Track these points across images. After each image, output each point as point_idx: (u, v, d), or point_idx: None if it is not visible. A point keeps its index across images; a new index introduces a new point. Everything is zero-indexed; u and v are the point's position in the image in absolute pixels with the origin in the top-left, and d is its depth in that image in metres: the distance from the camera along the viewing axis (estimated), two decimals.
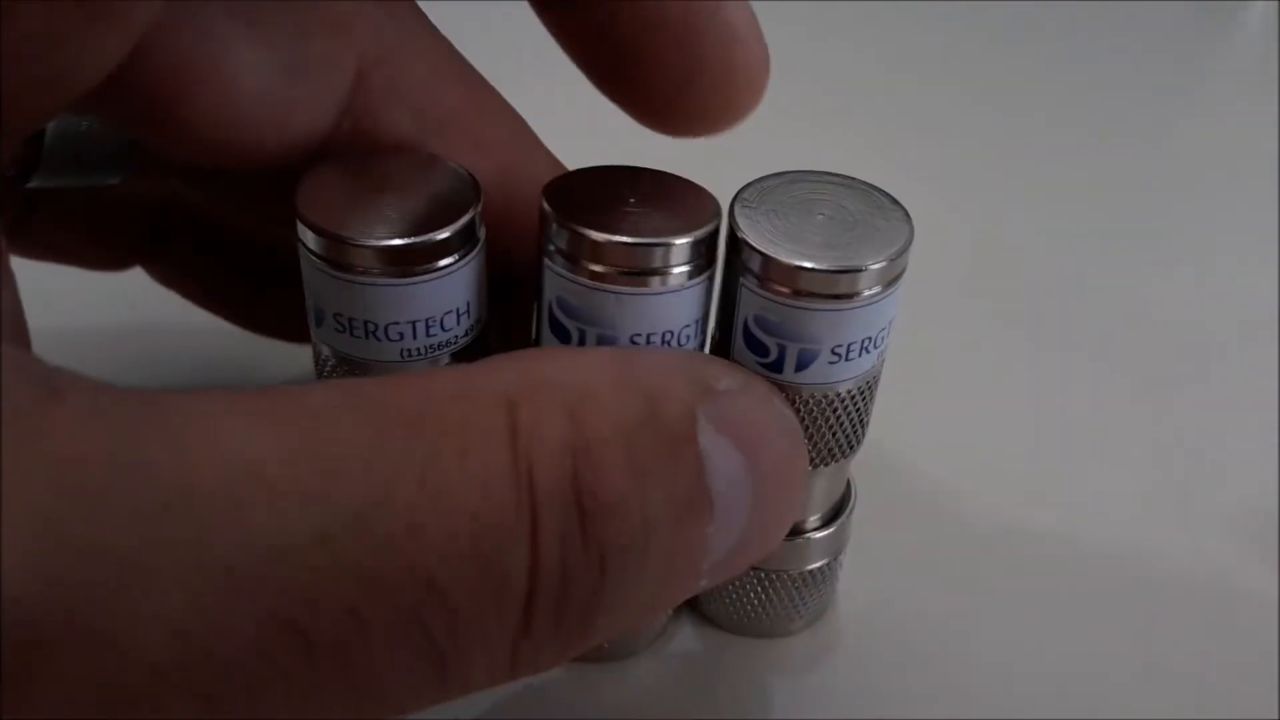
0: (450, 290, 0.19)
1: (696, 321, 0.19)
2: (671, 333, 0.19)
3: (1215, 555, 0.28)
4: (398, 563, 0.14)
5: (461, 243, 0.19)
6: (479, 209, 0.19)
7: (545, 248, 0.19)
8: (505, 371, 0.16)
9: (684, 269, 0.19)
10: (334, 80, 0.20)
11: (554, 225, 0.18)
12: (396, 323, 0.19)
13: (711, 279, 0.19)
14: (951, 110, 0.46)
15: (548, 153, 0.23)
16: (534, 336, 0.20)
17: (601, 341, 0.19)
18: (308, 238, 0.19)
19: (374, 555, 0.13)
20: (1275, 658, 0.25)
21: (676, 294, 0.19)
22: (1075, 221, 0.40)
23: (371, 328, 0.19)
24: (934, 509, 0.28)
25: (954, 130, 0.45)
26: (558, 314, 0.19)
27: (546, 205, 0.19)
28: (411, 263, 0.19)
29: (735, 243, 0.20)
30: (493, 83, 0.23)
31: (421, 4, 0.22)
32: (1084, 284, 0.37)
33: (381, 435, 0.14)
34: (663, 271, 0.18)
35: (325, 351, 0.20)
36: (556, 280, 0.19)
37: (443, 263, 0.19)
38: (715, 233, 0.19)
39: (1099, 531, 0.28)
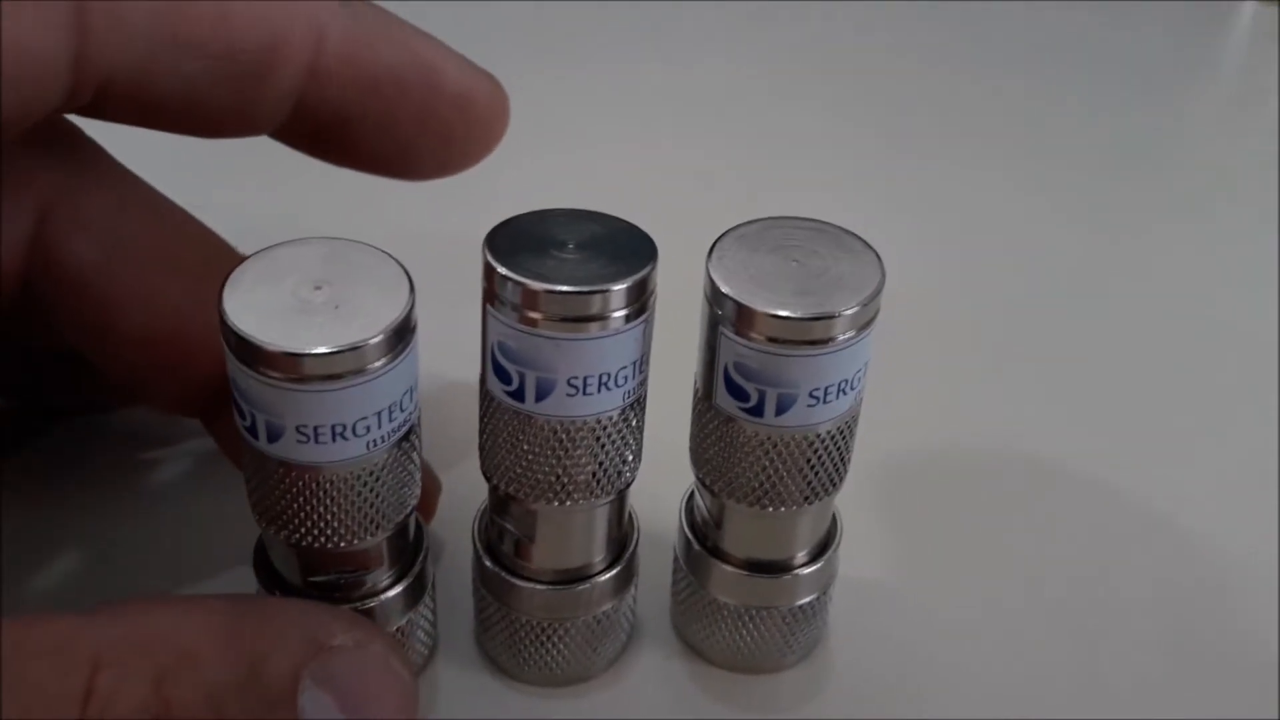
0: (408, 370, 0.19)
1: (634, 363, 0.20)
2: (609, 374, 0.20)
3: (1209, 585, 0.27)
4: None
5: (412, 322, 0.19)
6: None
7: (488, 293, 0.19)
8: (111, 626, 0.16)
9: (620, 314, 0.19)
10: (14, 230, 0.22)
11: (495, 273, 0.19)
12: (364, 418, 0.19)
13: (649, 320, 0.20)
14: (930, 120, 0.46)
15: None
16: (480, 376, 0.21)
17: (541, 384, 0.19)
18: (256, 359, 0.18)
19: None
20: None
21: (613, 338, 0.19)
22: (1063, 230, 0.40)
23: (339, 429, 0.19)
24: (922, 539, 0.28)
25: (933, 140, 0.45)
26: (499, 357, 0.20)
27: (488, 253, 0.19)
28: (377, 356, 0.18)
29: (714, 292, 0.20)
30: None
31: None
32: (1075, 295, 0.37)
33: None
34: (600, 318, 0.19)
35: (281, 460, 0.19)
36: (497, 325, 0.19)
37: (396, 349, 0.19)
38: (650, 277, 0.19)
39: (1091, 559, 0.28)
